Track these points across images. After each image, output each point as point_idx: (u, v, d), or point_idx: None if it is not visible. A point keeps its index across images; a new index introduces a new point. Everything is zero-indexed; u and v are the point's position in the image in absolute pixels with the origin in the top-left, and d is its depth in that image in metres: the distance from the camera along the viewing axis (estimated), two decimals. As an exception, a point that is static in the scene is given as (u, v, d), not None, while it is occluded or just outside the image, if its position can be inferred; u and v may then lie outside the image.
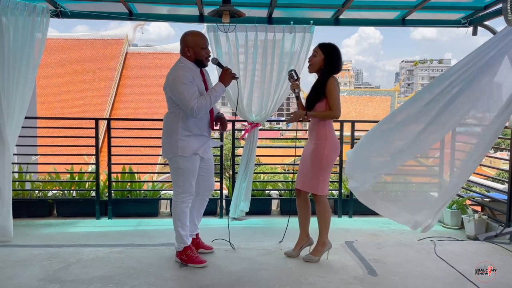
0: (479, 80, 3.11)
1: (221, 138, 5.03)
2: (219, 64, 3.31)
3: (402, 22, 4.77)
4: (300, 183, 3.35)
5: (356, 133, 5.01)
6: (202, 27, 6.05)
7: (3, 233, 3.92)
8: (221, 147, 4.89)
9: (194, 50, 3.05)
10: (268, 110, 4.68)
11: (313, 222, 3.43)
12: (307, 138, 3.44)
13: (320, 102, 3.20)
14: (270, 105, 4.66)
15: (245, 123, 4.88)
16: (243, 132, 4.87)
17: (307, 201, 3.42)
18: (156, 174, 9.40)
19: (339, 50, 3.25)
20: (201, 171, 3.23)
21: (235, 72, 3.25)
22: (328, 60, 3.20)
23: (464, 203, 4.57)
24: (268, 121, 4.89)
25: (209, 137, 3.22)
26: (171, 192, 5.21)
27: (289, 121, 3.37)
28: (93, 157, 4.93)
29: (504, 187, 4.60)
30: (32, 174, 5.14)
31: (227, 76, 3.12)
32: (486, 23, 4.56)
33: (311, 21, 4.52)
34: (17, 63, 3.95)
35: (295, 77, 3.33)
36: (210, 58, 3.18)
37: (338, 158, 4.92)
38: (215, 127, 3.29)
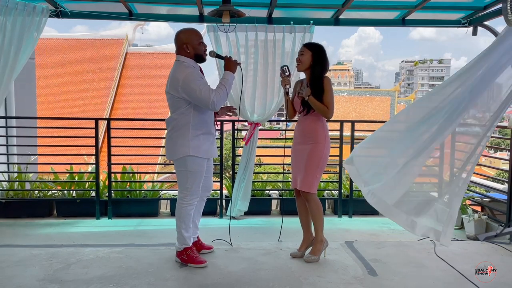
0: (483, 84, 3.11)
1: (221, 138, 5.04)
2: (218, 56, 3.28)
3: (402, 22, 4.77)
4: (297, 182, 3.36)
5: (356, 133, 5.01)
6: (202, 27, 6.07)
7: None
8: (221, 148, 4.90)
9: (192, 46, 3.03)
10: (270, 110, 4.67)
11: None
12: None
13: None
14: (272, 105, 4.66)
15: (245, 123, 4.88)
16: (243, 133, 4.86)
17: None
18: (156, 174, 9.40)
19: (324, 48, 3.30)
20: None
21: (236, 72, 3.24)
22: (316, 57, 3.24)
23: (464, 203, 4.57)
24: (268, 121, 4.89)
25: (215, 135, 3.25)
26: (171, 192, 5.25)
27: (298, 93, 3.28)
28: (93, 157, 4.93)
29: (504, 187, 4.60)
30: (32, 174, 5.14)
31: (231, 64, 3.12)
32: (486, 23, 4.57)
33: (311, 21, 4.52)
34: (17, 63, 3.95)
35: (287, 73, 3.34)
36: (208, 52, 3.16)
37: (338, 158, 4.97)
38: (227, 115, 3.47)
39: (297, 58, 3.32)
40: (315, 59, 3.24)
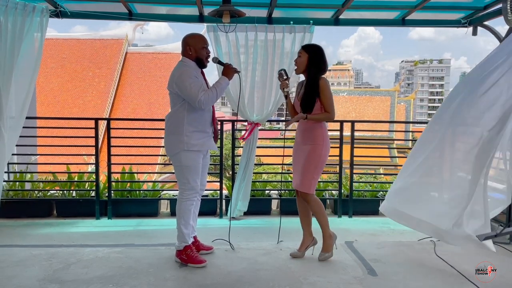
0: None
1: (221, 138, 5.03)
2: (219, 62, 3.41)
3: (402, 22, 4.77)
4: (296, 183, 3.36)
5: (356, 133, 5.01)
6: (202, 27, 6.04)
7: None
8: (221, 147, 4.88)
9: (195, 49, 3.16)
10: (269, 110, 4.67)
11: (314, 222, 3.44)
12: None
13: (316, 103, 3.21)
14: (271, 105, 4.66)
15: (245, 123, 4.87)
16: (243, 132, 4.86)
17: None
18: (156, 174, 9.40)
19: (322, 50, 3.29)
20: None
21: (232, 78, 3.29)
22: (312, 59, 3.23)
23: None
24: (268, 121, 4.89)
25: (210, 134, 3.27)
26: (171, 192, 5.25)
27: (289, 123, 3.41)
28: (93, 157, 4.93)
29: (504, 187, 4.59)
30: (32, 174, 5.14)
31: (229, 70, 3.23)
32: (486, 23, 4.56)
33: (311, 21, 4.52)
34: (16, 64, 3.94)
35: (285, 76, 3.35)
36: (210, 58, 3.27)
37: (338, 158, 4.97)
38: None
39: (295, 59, 3.33)
40: (311, 61, 3.24)
